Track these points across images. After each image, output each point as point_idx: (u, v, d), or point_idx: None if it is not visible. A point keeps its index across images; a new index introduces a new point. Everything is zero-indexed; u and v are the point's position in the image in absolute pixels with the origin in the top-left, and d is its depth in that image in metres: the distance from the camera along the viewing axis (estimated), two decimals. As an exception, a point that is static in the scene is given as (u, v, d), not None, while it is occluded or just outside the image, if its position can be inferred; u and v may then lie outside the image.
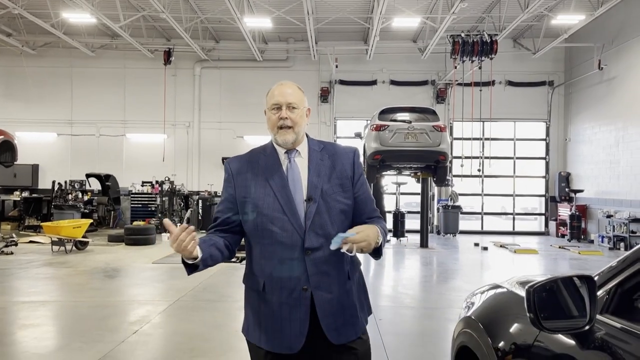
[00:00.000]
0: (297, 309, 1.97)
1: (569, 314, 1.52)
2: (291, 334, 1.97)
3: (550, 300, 1.55)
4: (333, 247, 1.87)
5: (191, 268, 1.94)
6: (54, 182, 15.46)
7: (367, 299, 2.20)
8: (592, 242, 14.10)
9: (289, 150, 2.08)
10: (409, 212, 14.88)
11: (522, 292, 1.60)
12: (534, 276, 1.79)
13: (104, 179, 15.77)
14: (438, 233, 15.83)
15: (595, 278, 1.62)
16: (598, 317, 1.53)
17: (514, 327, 1.95)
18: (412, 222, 14.42)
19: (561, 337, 1.58)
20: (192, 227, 1.81)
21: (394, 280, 8.79)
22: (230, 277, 8.09)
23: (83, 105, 17.01)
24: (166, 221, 1.84)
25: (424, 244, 12.62)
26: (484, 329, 2.15)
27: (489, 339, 2.06)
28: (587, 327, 1.47)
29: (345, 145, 2.23)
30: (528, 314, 1.52)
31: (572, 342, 1.53)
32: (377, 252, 2.00)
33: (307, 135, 2.15)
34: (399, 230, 13.43)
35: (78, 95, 17.06)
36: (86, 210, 14.97)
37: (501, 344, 1.97)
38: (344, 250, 1.85)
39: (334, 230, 1.99)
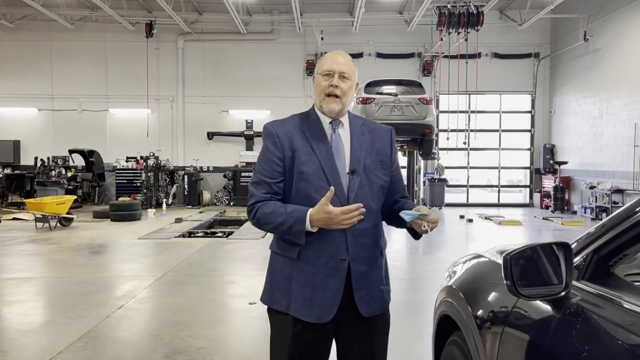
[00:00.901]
0: (332, 278, 1.97)
1: (545, 281, 1.53)
2: (323, 303, 1.97)
3: (527, 267, 1.56)
4: (407, 218, 1.92)
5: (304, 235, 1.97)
6: (36, 159, 15.23)
7: (389, 277, 2.24)
8: (575, 213, 14.31)
9: (333, 121, 2.07)
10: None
11: (501, 261, 1.60)
12: (515, 246, 1.80)
13: (87, 154, 15.58)
14: (424, 206, 15.92)
15: (574, 245, 1.63)
16: (574, 283, 1.54)
17: (493, 295, 1.97)
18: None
19: (538, 304, 1.60)
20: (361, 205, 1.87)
21: (380, 252, 8.85)
22: (216, 252, 8.09)
23: (64, 79, 16.67)
24: (332, 189, 1.87)
25: (410, 216, 12.67)
26: (465, 297, 2.17)
27: (469, 308, 2.08)
28: (562, 293, 1.49)
29: (381, 124, 2.26)
30: (505, 281, 1.52)
31: (548, 308, 1.54)
32: (419, 234, 2.06)
33: (348, 112, 2.16)
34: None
35: (58, 70, 16.70)
36: (70, 187, 14.80)
37: (480, 312, 1.99)
38: (425, 227, 1.91)
39: (375, 205, 2.04)
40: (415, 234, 2.07)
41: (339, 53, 2.08)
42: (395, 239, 10.22)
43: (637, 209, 1.41)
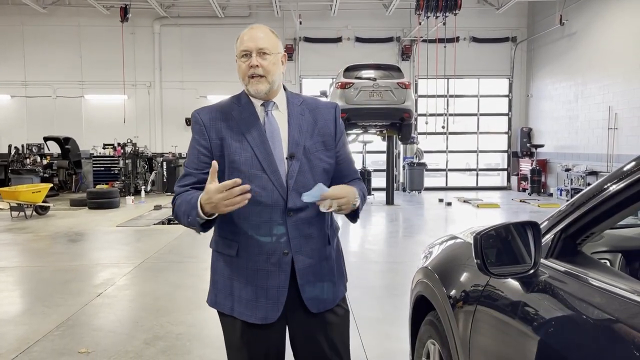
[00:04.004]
0: (275, 275, 1.82)
1: (515, 260, 1.57)
2: (267, 302, 1.83)
3: (497, 247, 1.59)
4: (307, 199, 1.71)
5: (205, 225, 1.78)
6: (10, 146, 14.93)
7: (344, 266, 2.10)
8: (551, 195, 14.55)
9: (266, 102, 1.89)
10: (375, 170, 15.02)
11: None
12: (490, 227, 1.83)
13: (63, 142, 15.29)
14: (404, 190, 16.06)
15: (544, 224, 1.67)
16: (544, 261, 1.57)
17: (466, 275, 2.01)
18: (379, 180, 14.57)
19: (508, 282, 1.63)
20: (246, 187, 1.64)
21: (360, 237, 8.93)
22: (195, 238, 8.03)
23: (37, 65, 16.28)
24: (215, 163, 1.68)
25: (389, 201, 12.79)
26: (439, 278, 2.21)
27: (444, 288, 2.12)
28: (531, 272, 1.52)
29: (326, 101, 2.10)
30: (475, 260, 1.55)
31: (518, 286, 1.58)
32: (354, 215, 1.91)
33: (285, 88, 1.97)
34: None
35: (31, 55, 16.28)
36: (46, 175, 14.57)
37: (454, 291, 2.03)
38: (322, 208, 1.72)
39: None
40: (352, 217, 1.92)
41: (254, 27, 1.89)
42: (375, 223, 10.32)
43: (602, 188, 1.44)
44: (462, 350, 1.86)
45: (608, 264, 1.81)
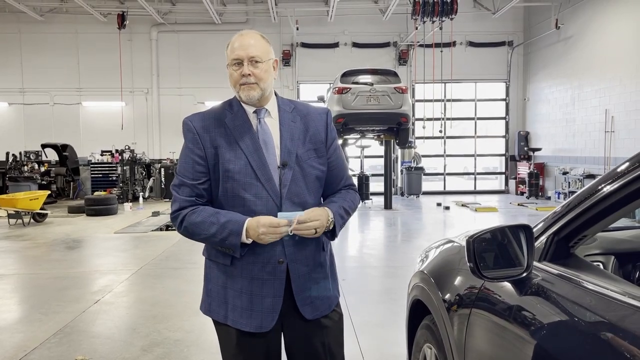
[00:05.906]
0: (270, 283, 1.82)
1: (508, 263, 1.57)
2: (263, 311, 1.82)
3: (490, 250, 1.60)
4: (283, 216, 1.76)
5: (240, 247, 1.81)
6: (7, 154, 14.91)
7: (336, 271, 2.10)
8: (549, 198, 14.57)
9: (258, 109, 1.88)
10: (373, 175, 15.03)
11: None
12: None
13: (60, 149, 15.29)
14: (402, 194, 16.06)
15: (539, 226, 1.67)
16: (537, 264, 1.58)
17: (461, 279, 2.01)
18: (377, 185, 14.58)
19: (502, 286, 1.64)
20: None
21: (359, 241, 8.93)
22: (193, 244, 7.96)
23: (34, 72, 16.30)
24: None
25: (388, 205, 12.80)
26: (435, 282, 2.21)
27: (439, 292, 2.12)
28: (524, 275, 1.53)
29: (317, 106, 2.07)
30: (468, 264, 1.56)
31: (511, 289, 1.58)
32: (331, 234, 1.91)
33: (276, 94, 1.96)
34: (363, 193, 13.55)
35: (28, 63, 16.31)
36: (44, 182, 14.55)
37: (448, 295, 2.04)
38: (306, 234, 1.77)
39: (311, 198, 1.88)
40: (328, 235, 1.92)
41: (245, 34, 1.89)
42: (373, 227, 10.32)
43: (595, 190, 1.45)
44: (458, 354, 1.86)
45: (601, 266, 1.82)
